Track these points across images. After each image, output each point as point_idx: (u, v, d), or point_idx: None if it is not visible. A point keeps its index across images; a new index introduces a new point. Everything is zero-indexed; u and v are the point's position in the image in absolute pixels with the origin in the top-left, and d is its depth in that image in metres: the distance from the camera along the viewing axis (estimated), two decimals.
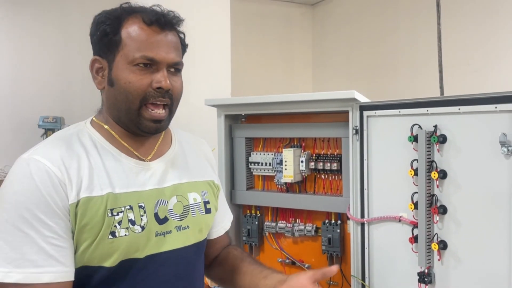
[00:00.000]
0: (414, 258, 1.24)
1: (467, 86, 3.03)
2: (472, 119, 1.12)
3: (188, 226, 1.02)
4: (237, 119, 1.72)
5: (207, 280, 1.89)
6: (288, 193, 1.62)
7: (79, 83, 3.78)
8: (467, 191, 1.15)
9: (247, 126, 1.70)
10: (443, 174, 1.17)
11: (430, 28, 3.41)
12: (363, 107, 1.36)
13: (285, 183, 1.61)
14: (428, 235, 1.20)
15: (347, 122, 1.42)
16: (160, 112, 0.96)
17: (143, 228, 0.93)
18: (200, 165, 1.12)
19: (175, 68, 0.99)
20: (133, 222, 0.93)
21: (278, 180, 1.62)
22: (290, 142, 1.63)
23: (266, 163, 1.64)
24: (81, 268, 0.90)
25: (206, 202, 1.08)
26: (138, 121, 0.96)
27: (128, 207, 0.93)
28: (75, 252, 0.90)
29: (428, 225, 1.20)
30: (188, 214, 1.02)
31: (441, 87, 1.35)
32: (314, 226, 1.59)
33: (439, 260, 1.20)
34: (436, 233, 1.20)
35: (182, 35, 1.04)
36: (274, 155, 1.62)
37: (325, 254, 1.55)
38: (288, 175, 1.56)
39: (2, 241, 0.84)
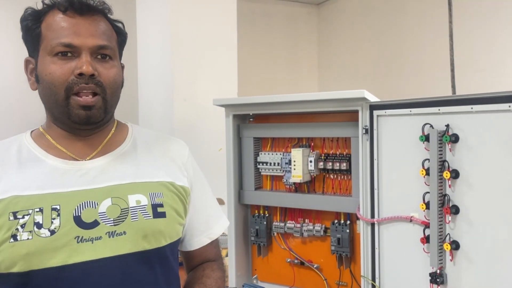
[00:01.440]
0: (426, 259, 1.23)
1: (474, 85, 3.01)
2: (485, 118, 1.11)
3: (124, 232, 0.90)
4: (245, 119, 1.71)
5: None
6: (296, 193, 1.61)
7: None
8: (480, 191, 1.13)
9: (255, 126, 1.69)
10: (455, 174, 1.16)
11: (437, 27, 3.40)
12: (373, 107, 1.35)
13: (294, 183, 1.60)
14: (440, 235, 1.19)
15: (356, 122, 1.41)
16: (88, 98, 0.90)
17: (52, 232, 0.85)
18: (156, 165, 1.01)
19: (103, 54, 0.93)
20: (39, 225, 0.85)
21: (286, 180, 1.61)
22: (298, 142, 1.62)
23: (274, 163, 1.63)
24: None
25: (156, 205, 0.95)
26: (68, 111, 0.90)
27: (38, 210, 0.86)
28: None
29: (440, 225, 1.19)
30: (126, 218, 0.91)
31: (453, 86, 1.34)
32: (323, 226, 1.58)
33: (451, 260, 1.19)
34: (448, 233, 1.19)
35: (120, 24, 1.00)
36: (283, 155, 1.61)
37: (334, 254, 1.54)
38: (297, 175, 1.55)
39: None
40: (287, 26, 4.59)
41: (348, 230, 1.51)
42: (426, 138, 1.20)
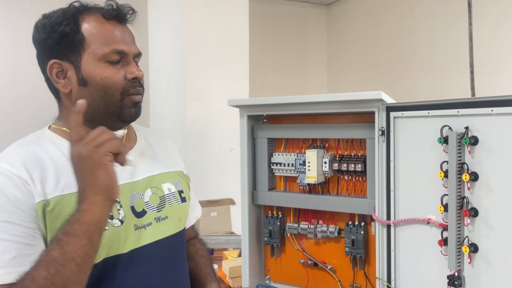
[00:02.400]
0: (443, 261, 1.23)
1: (486, 87, 3.00)
2: (506, 120, 1.11)
3: (167, 217, 1.05)
4: (258, 120, 1.71)
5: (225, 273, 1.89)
6: (310, 194, 1.61)
7: None
8: (499, 194, 1.13)
9: (269, 127, 1.69)
10: (474, 176, 1.16)
11: (448, 27, 3.39)
12: (390, 108, 1.35)
13: (308, 184, 1.60)
14: (458, 238, 1.18)
15: (371, 123, 1.40)
16: (140, 97, 1.03)
17: (122, 222, 0.95)
18: (168, 157, 1.16)
19: (136, 60, 1.04)
20: (111, 217, 0.93)
21: (300, 181, 1.60)
22: (312, 143, 1.62)
23: (288, 164, 1.63)
24: None
25: (180, 192, 1.11)
26: (121, 111, 0.99)
27: None
28: None
29: (458, 227, 1.18)
30: (165, 204, 1.06)
31: (472, 88, 1.33)
32: (337, 227, 1.58)
33: (469, 263, 1.18)
34: (467, 236, 1.18)
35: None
36: (297, 156, 1.61)
37: (348, 255, 1.54)
38: (312, 176, 1.55)
39: None
40: (296, 27, 4.59)
41: (362, 232, 1.51)
42: (444, 140, 1.20)
